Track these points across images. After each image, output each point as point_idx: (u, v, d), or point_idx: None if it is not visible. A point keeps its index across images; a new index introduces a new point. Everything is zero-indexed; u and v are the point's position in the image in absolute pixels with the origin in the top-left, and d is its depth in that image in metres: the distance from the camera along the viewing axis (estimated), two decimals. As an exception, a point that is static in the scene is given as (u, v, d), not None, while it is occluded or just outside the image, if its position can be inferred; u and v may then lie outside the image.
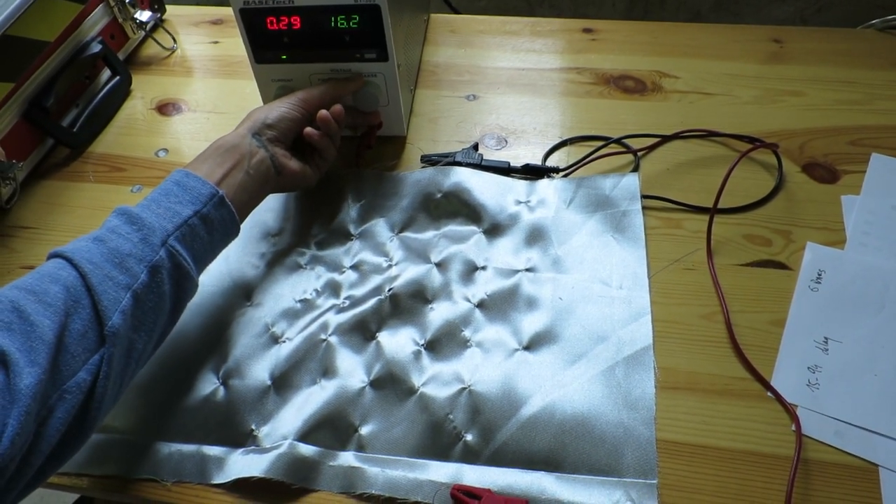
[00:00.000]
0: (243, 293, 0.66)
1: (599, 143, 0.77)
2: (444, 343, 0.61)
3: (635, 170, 0.74)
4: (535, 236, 0.68)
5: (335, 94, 0.70)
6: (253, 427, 0.57)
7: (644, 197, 0.71)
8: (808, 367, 0.58)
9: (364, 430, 0.57)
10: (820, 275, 0.64)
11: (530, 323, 0.62)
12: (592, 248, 0.67)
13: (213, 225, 0.57)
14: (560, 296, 0.63)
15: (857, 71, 0.83)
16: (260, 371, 0.60)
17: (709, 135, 0.77)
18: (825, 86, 0.82)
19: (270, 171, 0.64)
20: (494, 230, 0.68)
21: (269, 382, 0.59)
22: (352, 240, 0.70)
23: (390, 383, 0.59)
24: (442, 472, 0.54)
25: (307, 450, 0.55)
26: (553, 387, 0.57)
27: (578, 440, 0.54)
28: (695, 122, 0.78)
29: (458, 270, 0.65)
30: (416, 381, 0.58)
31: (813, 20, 1.14)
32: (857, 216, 0.68)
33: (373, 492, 0.53)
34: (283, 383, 0.59)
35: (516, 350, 0.60)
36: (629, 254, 0.66)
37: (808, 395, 0.56)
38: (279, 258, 0.69)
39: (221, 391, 0.59)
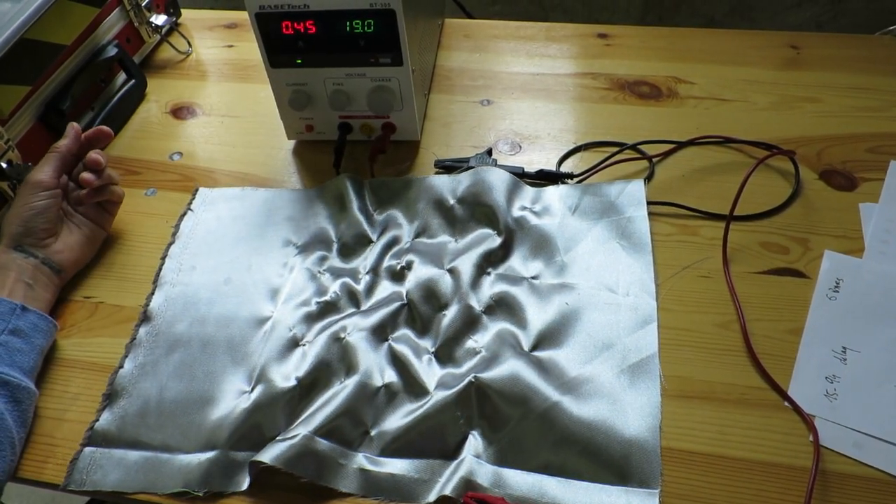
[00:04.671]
0: (267, 302, 0.66)
1: (614, 149, 0.77)
2: (453, 349, 0.61)
3: (650, 176, 0.74)
4: (542, 243, 0.68)
5: (64, 154, 0.68)
6: (280, 432, 0.57)
7: (659, 203, 0.71)
8: (826, 377, 0.57)
9: (374, 432, 0.57)
10: (838, 283, 0.63)
11: (537, 329, 0.61)
12: (598, 254, 0.66)
13: (26, 333, 0.60)
14: (566, 301, 0.63)
15: (875, 77, 0.83)
16: (285, 376, 0.59)
17: (725, 141, 0.77)
18: (843, 92, 0.81)
19: (50, 273, 0.65)
20: (502, 236, 0.68)
21: (293, 384, 0.59)
22: (369, 246, 0.69)
23: (403, 387, 0.59)
24: (447, 473, 0.54)
25: (321, 444, 0.54)
26: (558, 393, 0.56)
27: (581, 446, 0.54)
28: (711, 128, 0.78)
29: (468, 277, 0.65)
30: (429, 385, 0.58)
31: (828, 26, 1.13)
32: (876, 224, 0.67)
33: (381, 498, 0.53)
34: (309, 386, 0.59)
35: (522, 355, 0.59)
36: (635, 260, 0.65)
37: (827, 405, 0.55)
38: (301, 265, 0.68)
39: (249, 399, 0.59)
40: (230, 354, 0.62)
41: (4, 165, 0.71)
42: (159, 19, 0.95)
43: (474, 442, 0.55)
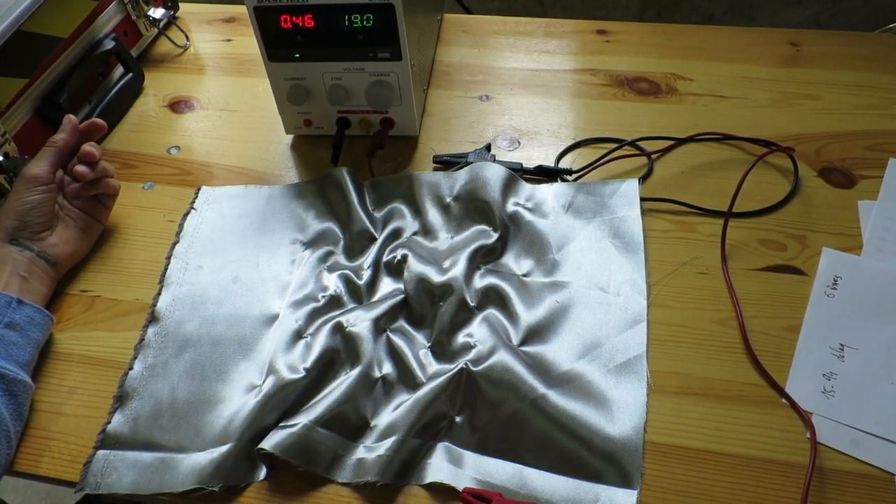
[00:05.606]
0: (277, 299, 0.66)
1: (613, 146, 0.77)
2: (448, 344, 0.61)
3: (649, 172, 0.74)
4: (534, 241, 0.68)
5: (60, 148, 0.68)
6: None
7: (658, 200, 0.71)
8: (824, 374, 0.57)
9: (374, 423, 0.57)
10: (836, 281, 0.63)
11: (526, 325, 0.62)
12: (590, 253, 0.66)
13: (22, 326, 0.60)
14: (557, 299, 0.63)
15: (874, 75, 0.83)
16: (292, 367, 0.59)
17: (724, 138, 0.76)
18: (842, 90, 0.81)
19: (45, 266, 0.65)
20: (498, 232, 0.68)
21: (302, 374, 0.58)
22: (372, 243, 0.69)
23: (398, 379, 0.59)
24: (434, 457, 0.55)
25: (321, 434, 0.55)
26: (544, 388, 0.56)
27: (565, 441, 0.54)
28: (710, 125, 0.78)
29: (463, 273, 0.64)
30: (423, 378, 0.59)
31: (828, 24, 1.13)
32: (875, 222, 0.67)
33: (369, 479, 0.53)
34: (318, 377, 0.59)
35: (512, 347, 0.60)
36: (627, 260, 0.65)
37: (824, 402, 0.56)
38: (308, 261, 0.68)
39: (261, 392, 0.58)
40: (242, 353, 0.62)
41: (1, 158, 0.71)
42: (157, 13, 0.94)
43: (458, 427, 0.56)
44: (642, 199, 0.70)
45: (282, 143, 0.82)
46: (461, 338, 0.61)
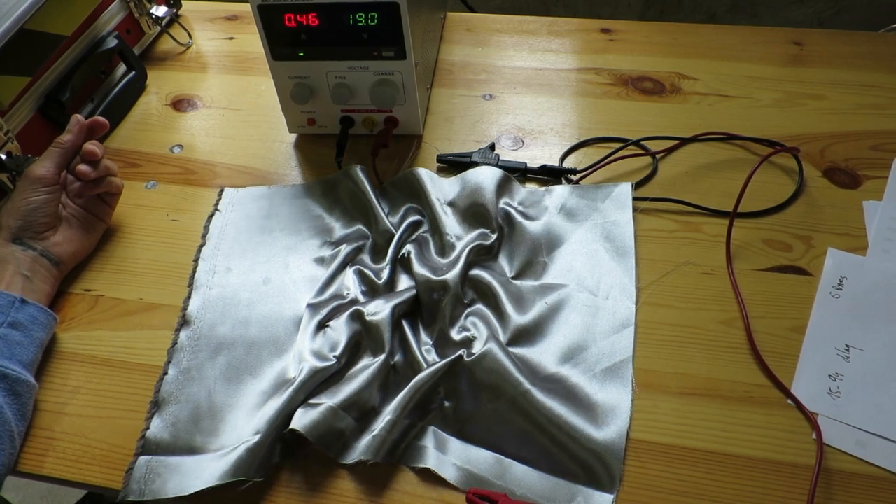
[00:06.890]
0: (305, 297, 0.66)
1: (617, 145, 0.76)
2: (448, 342, 0.61)
3: (653, 172, 0.74)
4: (526, 242, 0.68)
5: (67, 149, 0.68)
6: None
7: (663, 200, 0.70)
8: (829, 375, 0.57)
9: (379, 409, 0.57)
10: (841, 281, 0.63)
11: (515, 327, 0.62)
12: (581, 256, 0.66)
13: (25, 326, 0.59)
14: (546, 301, 0.63)
15: (879, 75, 0.82)
16: (321, 356, 0.60)
17: (729, 138, 0.76)
18: (847, 89, 0.81)
19: (49, 265, 0.65)
20: (495, 234, 0.68)
21: (333, 362, 0.59)
22: (388, 243, 0.69)
23: (404, 368, 0.60)
24: (425, 441, 0.56)
25: (340, 416, 0.55)
26: (529, 384, 0.56)
27: (547, 438, 0.54)
28: (714, 124, 0.78)
29: (458, 271, 0.64)
30: (426, 367, 0.59)
31: (830, 23, 1.13)
32: (880, 222, 0.67)
33: (362, 458, 0.54)
34: (347, 365, 0.60)
35: (501, 345, 0.60)
36: (618, 264, 0.65)
37: (830, 403, 0.55)
38: (335, 260, 0.68)
39: (291, 385, 0.58)
40: (276, 354, 0.62)
41: (4, 157, 0.70)
42: (160, 10, 0.94)
43: (447, 412, 0.57)
44: (647, 199, 0.70)
45: (285, 142, 0.82)
46: (461, 333, 0.61)
